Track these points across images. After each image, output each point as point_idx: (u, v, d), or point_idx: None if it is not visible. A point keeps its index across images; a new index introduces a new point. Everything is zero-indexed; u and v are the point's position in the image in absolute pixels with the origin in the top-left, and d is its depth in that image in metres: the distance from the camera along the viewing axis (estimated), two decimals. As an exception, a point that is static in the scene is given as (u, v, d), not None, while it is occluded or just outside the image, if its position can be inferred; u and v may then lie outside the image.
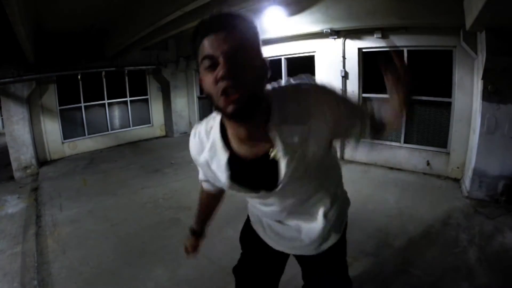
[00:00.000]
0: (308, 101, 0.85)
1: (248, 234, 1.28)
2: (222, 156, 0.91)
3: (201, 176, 1.19)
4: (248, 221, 1.31)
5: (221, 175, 0.93)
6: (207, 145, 0.94)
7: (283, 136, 0.83)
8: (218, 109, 0.78)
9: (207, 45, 0.73)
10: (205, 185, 1.24)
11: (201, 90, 0.89)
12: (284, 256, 1.25)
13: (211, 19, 0.79)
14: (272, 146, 0.84)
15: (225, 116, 0.80)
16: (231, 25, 0.75)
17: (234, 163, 0.90)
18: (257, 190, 0.96)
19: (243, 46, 0.73)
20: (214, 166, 0.95)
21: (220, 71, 0.70)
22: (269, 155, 0.85)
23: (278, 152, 0.84)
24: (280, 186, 0.90)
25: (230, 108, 0.74)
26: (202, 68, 0.76)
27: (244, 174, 0.92)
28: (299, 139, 0.84)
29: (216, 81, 0.72)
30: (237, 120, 0.79)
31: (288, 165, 0.85)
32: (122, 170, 5.66)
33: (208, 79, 0.75)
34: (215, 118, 0.95)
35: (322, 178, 1.05)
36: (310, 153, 0.88)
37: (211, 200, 1.29)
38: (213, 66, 0.73)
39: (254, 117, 0.79)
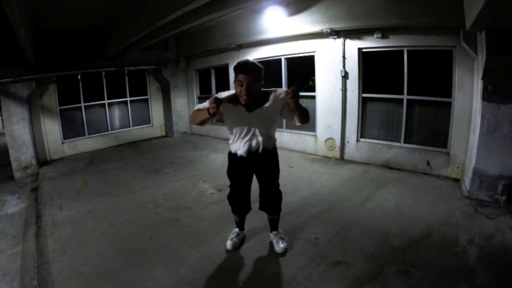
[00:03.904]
0: (277, 91, 2.16)
1: (232, 168, 2.43)
2: (240, 104, 2.13)
3: (200, 105, 2.21)
4: (231, 159, 2.41)
5: (241, 110, 2.15)
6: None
7: (263, 108, 2.16)
8: (240, 100, 2.07)
9: (240, 77, 2.00)
10: (203, 108, 2.12)
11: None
12: (250, 173, 2.43)
13: (243, 65, 2.03)
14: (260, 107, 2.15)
15: (241, 103, 2.09)
16: (251, 70, 2.01)
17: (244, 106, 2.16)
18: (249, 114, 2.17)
19: (253, 80, 2.01)
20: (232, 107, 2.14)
21: (243, 89, 2.00)
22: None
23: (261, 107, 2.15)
24: (252, 112, 2.15)
25: (243, 101, 2.06)
26: (237, 83, 2.02)
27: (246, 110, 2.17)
28: (268, 109, 2.15)
29: (241, 91, 2.01)
30: (242, 103, 2.10)
31: (258, 112, 2.15)
32: (122, 170, 5.66)
33: (237, 88, 2.03)
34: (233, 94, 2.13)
35: (268, 126, 2.27)
36: (269, 109, 2.16)
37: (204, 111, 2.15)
38: (241, 84, 2.00)
39: (252, 104, 2.12)
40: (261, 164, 2.35)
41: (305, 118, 2.10)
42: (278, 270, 2.41)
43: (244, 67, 1.99)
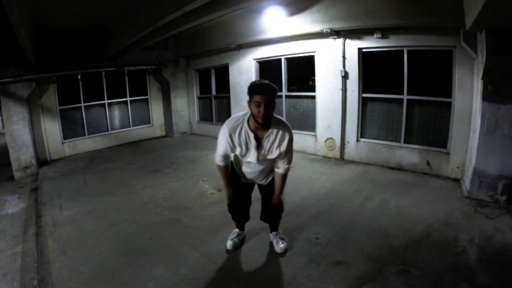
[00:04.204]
0: (286, 130, 2.14)
1: (234, 182, 2.43)
2: (253, 137, 2.10)
3: (219, 158, 2.25)
4: (233, 174, 2.44)
5: (252, 144, 2.12)
6: (239, 132, 2.11)
7: (271, 134, 2.13)
8: (255, 120, 2.03)
9: (257, 98, 1.95)
10: (223, 163, 2.27)
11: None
12: (251, 187, 2.55)
13: (259, 86, 2.01)
14: (269, 135, 2.12)
15: (258, 123, 2.03)
16: (268, 91, 1.97)
17: (256, 140, 2.12)
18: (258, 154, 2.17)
19: (269, 102, 1.96)
20: (245, 140, 2.12)
21: (261, 110, 1.95)
22: (263, 137, 2.13)
23: (270, 135, 2.13)
24: (262, 149, 2.16)
25: (260, 121, 2.00)
26: (253, 103, 1.98)
27: (257, 146, 2.14)
28: (276, 141, 2.14)
29: (258, 112, 1.96)
30: (261, 125, 2.05)
31: (266, 147, 2.15)
32: (122, 170, 5.66)
33: (254, 109, 1.98)
34: (242, 121, 2.11)
35: (271, 163, 2.31)
36: (274, 153, 2.17)
37: (226, 170, 2.34)
38: (258, 105, 1.95)
39: (266, 125, 2.07)
40: (264, 187, 2.47)
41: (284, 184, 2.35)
42: (278, 270, 2.41)
43: (262, 89, 1.96)
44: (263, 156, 2.17)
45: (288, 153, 2.18)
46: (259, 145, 2.12)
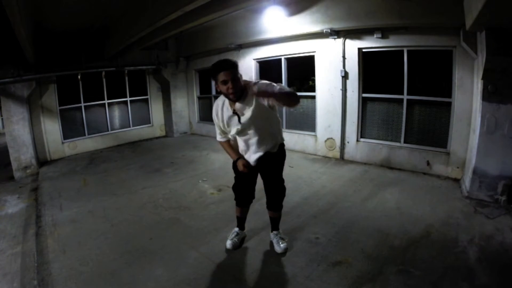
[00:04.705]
0: (257, 84, 1.87)
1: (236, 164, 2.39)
2: (231, 112, 2.17)
3: (218, 135, 2.39)
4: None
5: (234, 120, 2.19)
6: (221, 109, 2.23)
7: (246, 103, 2.13)
8: (227, 97, 2.11)
9: (222, 76, 1.99)
10: (223, 139, 2.38)
11: (216, 90, 3.10)
12: (255, 170, 2.42)
13: (219, 63, 2.02)
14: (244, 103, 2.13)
15: (230, 99, 2.11)
16: (229, 65, 2.01)
17: (235, 114, 2.18)
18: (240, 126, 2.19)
19: (235, 74, 2.02)
20: (227, 118, 2.21)
21: (230, 85, 2.00)
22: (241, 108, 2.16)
23: (246, 103, 2.14)
24: (242, 122, 2.16)
25: (232, 97, 2.07)
26: (220, 84, 2.03)
27: (238, 120, 2.18)
28: (251, 101, 2.10)
29: (227, 89, 2.02)
30: (234, 100, 2.11)
31: (247, 116, 2.15)
32: (122, 170, 5.66)
33: (223, 87, 2.04)
34: (221, 101, 2.23)
35: (267, 127, 2.26)
36: (255, 111, 2.11)
37: (229, 144, 2.40)
38: (225, 83, 2.01)
39: (241, 97, 2.10)
40: (266, 166, 2.39)
41: (291, 100, 1.92)
42: (278, 270, 2.41)
43: (224, 65, 1.99)
44: (250, 123, 2.14)
45: (272, 87, 1.88)
46: (239, 117, 2.15)
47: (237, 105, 2.13)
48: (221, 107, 2.22)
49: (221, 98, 2.23)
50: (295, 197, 3.77)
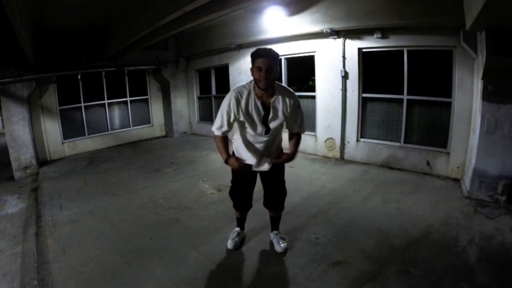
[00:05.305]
0: (290, 96, 2.15)
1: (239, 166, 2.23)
2: (260, 103, 2.11)
3: (217, 127, 2.17)
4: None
5: (261, 112, 2.12)
6: (248, 99, 2.10)
7: (277, 100, 2.13)
8: (257, 85, 2.04)
9: (259, 62, 1.98)
10: (220, 133, 2.17)
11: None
12: (254, 174, 2.42)
13: (261, 50, 2.01)
14: (274, 101, 2.12)
15: (260, 88, 2.03)
16: (269, 54, 1.99)
17: (264, 109, 2.13)
18: (264, 127, 2.17)
19: (271, 65, 1.98)
20: (252, 108, 2.11)
21: (263, 73, 1.97)
22: (271, 103, 2.12)
23: (275, 101, 2.12)
24: (271, 122, 2.16)
25: (262, 85, 2.01)
26: (255, 69, 2.00)
27: (265, 115, 2.14)
28: (281, 107, 2.13)
29: (260, 75, 1.98)
30: (265, 90, 2.05)
31: (275, 116, 2.15)
32: (122, 170, 5.66)
33: (256, 73, 2.00)
34: (248, 88, 2.12)
35: (277, 137, 2.29)
36: (281, 119, 2.15)
37: (224, 140, 2.21)
38: (260, 69, 1.97)
39: (269, 90, 2.08)
40: (267, 174, 2.38)
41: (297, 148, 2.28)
42: (279, 270, 2.41)
43: (262, 52, 1.99)
44: (270, 124, 2.14)
45: (298, 117, 2.19)
46: (267, 113, 2.11)
47: (264, 99, 2.10)
48: (246, 96, 2.09)
49: (245, 86, 2.14)
50: (295, 197, 3.77)
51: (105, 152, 7.38)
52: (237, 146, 2.31)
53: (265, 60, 1.96)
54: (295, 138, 2.26)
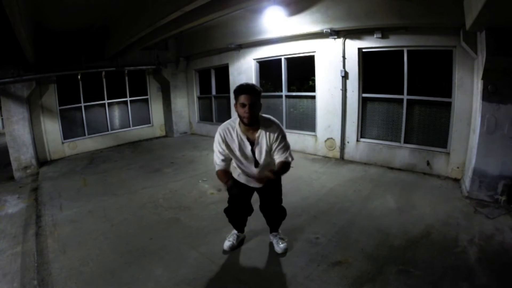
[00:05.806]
0: (273, 130, 2.17)
1: (234, 184, 2.22)
2: (245, 139, 2.18)
3: (216, 164, 2.26)
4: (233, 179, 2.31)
5: (247, 147, 2.19)
6: (233, 136, 2.18)
7: (261, 136, 2.17)
8: (242, 121, 2.10)
9: (242, 98, 2.03)
10: (220, 167, 2.25)
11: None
12: (251, 190, 2.46)
13: (244, 86, 2.08)
14: (258, 136, 2.17)
15: (244, 123, 2.10)
16: (252, 91, 2.04)
17: (249, 142, 2.19)
18: (253, 160, 2.25)
19: (255, 101, 2.04)
20: (238, 145, 2.18)
21: (246, 109, 2.02)
22: (255, 138, 2.18)
23: (259, 137, 2.17)
24: (256, 154, 2.23)
25: (246, 121, 2.07)
26: (238, 105, 2.05)
27: (252, 149, 2.21)
28: (265, 142, 2.18)
29: (244, 111, 2.03)
30: (249, 125, 2.12)
31: (261, 150, 2.21)
32: (122, 170, 5.66)
33: (240, 109, 2.06)
34: (233, 125, 2.19)
35: (269, 164, 2.27)
36: (267, 152, 2.21)
37: (225, 172, 2.27)
38: (243, 105, 2.03)
39: (253, 125, 2.14)
40: (262, 189, 2.42)
41: (286, 171, 2.19)
42: (278, 270, 2.41)
43: (245, 89, 2.04)
44: (258, 159, 2.22)
45: (282, 147, 2.17)
46: (252, 147, 2.19)
47: (250, 134, 2.16)
48: (231, 133, 2.18)
49: (230, 123, 2.21)
50: (295, 197, 3.77)
51: (105, 152, 7.38)
52: (233, 171, 2.39)
53: (248, 96, 2.00)
54: (282, 163, 2.18)
